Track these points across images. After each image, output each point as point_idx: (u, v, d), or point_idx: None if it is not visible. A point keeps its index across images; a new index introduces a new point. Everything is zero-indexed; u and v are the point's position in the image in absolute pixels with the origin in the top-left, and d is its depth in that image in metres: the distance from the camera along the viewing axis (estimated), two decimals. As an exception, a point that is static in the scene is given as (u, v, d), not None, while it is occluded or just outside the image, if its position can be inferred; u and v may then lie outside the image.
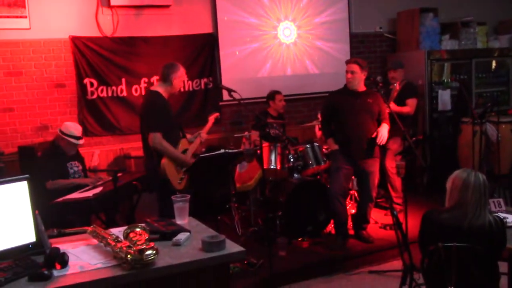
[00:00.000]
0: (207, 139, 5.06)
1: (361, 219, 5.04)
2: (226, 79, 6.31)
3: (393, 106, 5.48)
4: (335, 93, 5.07)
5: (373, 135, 4.71)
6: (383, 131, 4.73)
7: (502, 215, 3.18)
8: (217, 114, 5.06)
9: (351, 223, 5.20)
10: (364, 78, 4.80)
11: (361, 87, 4.82)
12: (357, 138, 4.75)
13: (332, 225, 5.14)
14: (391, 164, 5.64)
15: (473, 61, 7.09)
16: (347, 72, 4.77)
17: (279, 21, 6.70)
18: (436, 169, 6.53)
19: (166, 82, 4.32)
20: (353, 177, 5.17)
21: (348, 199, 5.55)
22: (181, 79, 4.38)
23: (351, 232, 5.11)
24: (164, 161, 4.21)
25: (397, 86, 5.51)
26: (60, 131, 4.74)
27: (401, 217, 3.81)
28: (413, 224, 4.51)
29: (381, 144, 4.73)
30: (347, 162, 4.81)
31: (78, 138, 4.76)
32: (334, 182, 4.86)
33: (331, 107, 4.95)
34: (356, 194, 5.46)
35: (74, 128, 4.77)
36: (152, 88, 4.46)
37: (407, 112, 5.72)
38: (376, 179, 4.91)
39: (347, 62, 4.87)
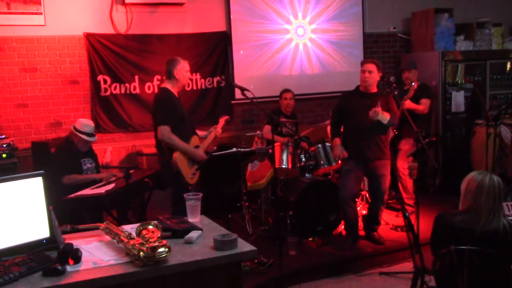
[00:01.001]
0: (219, 137, 5.07)
1: (372, 220, 5.02)
2: (239, 77, 6.32)
3: (408, 103, 5.46)
4: (346, 95, 5.07)
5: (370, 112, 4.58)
6: (381, 113, 4.56)
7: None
8: (227, 117, 5.08)
9: (362, 223, 5.18)
10: (378, 79, 4.77)
11: (374, 88, 4.80)
12: (367, 140, 4.72)
13: (343, 226, 5.13)
14: (403, 165, 5.61)
15: (487, 63, 7.02)
16: (364, 71, 4.73)
17: (293, 20, 6.68)
18: (448, 171, 6.48)
19: (171, 78, 4.41)
20: (364, 177, 5.15)
21: (359, 200, 5.53)
22: (183, 71, 4.42)
23: (362, 233, 5.09)
24: (176, 154, 4.27)
25: (415, 85, 5.47)
26: (74, 127, 4.77)
27: (412, 218, 3.79)
28: (424, 226, 4.50)
29: (371, 114, 4.55)
30: (358, 165, 4.79)
31: (90, 135, 4.79)
32: (345, 185, 4.84)
33: (341, 109, 4.94)
34: (367, 195, 5.43)
35: (87, 125, 4.80)
36: (161, 85, 4.55)
37: (421, 110, 5.68)
38: (387, 181, 4.88)
39: (364, 62, 4.83)
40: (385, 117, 4.63)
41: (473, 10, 7.50)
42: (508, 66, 7.34)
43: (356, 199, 5.17)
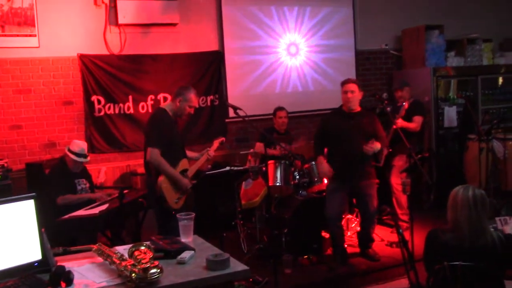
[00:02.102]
0: (213, 156, 5.07)
1: (365, 238, 5.04)
2: (232, 96, 6.36)
3: (401, 121, 5.49)
4: (329, 116, 5.06)
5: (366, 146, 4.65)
6: (374, 145, 4.67)
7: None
8: (222, 138, 5.01)
9: (357, 240, 5.18)
10: (360, 98, 4.81)
11: (357, 107, 4.82)
12: (352, 161, 4.72)
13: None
14: (396, 181, 5.63)
15: (479, 78, 7.09)
16: (346, 92, 4.75)
17: (285, 39, 6.75)
18: (442, 186, 6.48)
19: (173, 102, 4.35)
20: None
21: (354, 216, 5.53)
22: (186, 104, 4.32)
23: (357, 250, 5.09)
24: (162, 178, 4.20)
25: (406, 105, 5.52)
26: (67, 148, 4.78)
27: (407, 234, 3.80)
28: (419, 242, 4.47)
29: (369, 150, 4.64)
30: (343, 184, 4.80)
31: (80, 155, 4.75)
32: (329, 205, 4.85)
33: (325, 131, 4.94)
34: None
35: (78, 146, 4.77)
36: (162, 105, 4.50)
37: (413, 128, 5.72)
38: (374, 201, 4.88)
39: (345, 82, 4.81)
40: (377, 147, 4.69)
41: (463, 27, 7.59)
42: (500, 81, 7.42)
43: (342, 217, 5.16)
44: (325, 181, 5.17)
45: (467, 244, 2.79)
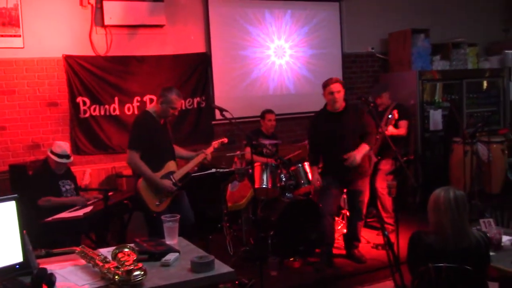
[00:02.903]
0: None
1: (352, 237, 5.04)
2: (219, 98, 6.34)
3: (391, 129, 5.56)
4: (316, 119, 5.04)
5: (345, 156, 4.67)
6: (357, 154, 4.66)
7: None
8: (224, 139, 4.92)
9: (343, 242, 5.19)
10: (343, 95, 4.81)
11: (342, 105, 4.80)
12: (339, 161, 4.71)
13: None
14: (382, 185, 5.66)
15: (464, 82, 7.16)
16: (332, 93, 4.72)
17: (272, 41, 6.76)
18: (428, 188, 6.49)
19: (157, 103, 4.34)
20: (344, 196, 5.18)
21: (340, 219, 5.55)
22: (168, 105, 4.28)
23: (343, 252, 5.10)
24: (140, 181, 4.20)
25: (395, 115, 5.55)
26: (49, 150, 4.72)
27: (392, 237, 3.81)
28: (404, 244, 4.46)
29: (350, 166, 4.68)
30: (337, 183, 4.82)
31: (62, 157, 4.68)
32: (325, 202, 4.86)
33: (314, 134, 4.96)
34: (347, 213, 5.45)
35: (60, 147, 4.70)
36: (148, 107, 4.50)
37: (401, 134, 5.79)
38: (366, 197, 4.93)
39: (330, 83, 4.75)
40: (360, 155, 4.67)
41: (448, 31, 7.68)
42: (484, 85, 7.50)
43: (336, 216, 5.18)
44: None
45: (451, 246, 2.80)
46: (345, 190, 5.07)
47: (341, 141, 4.73)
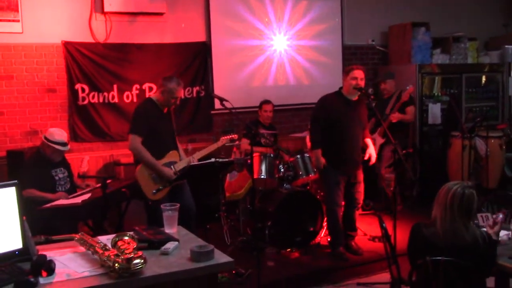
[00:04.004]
0: (197, 147, 5.05)
1: (349, 227, 5.02)
2: (218, 88, 6.32)
3: (397, 115, 5.59)
4: (332, 100, 4.81)
5: (365, 158, 4.76)
6: (372, 152, 4.84)
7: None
8: (234, 136, 4.88)
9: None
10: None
11: (356, 96, 4.74)
12: (350, 151, 4.74)
13: (322, 236, 5.15)
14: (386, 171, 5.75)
15: (463, 76, 7.16)
16: (356, 78, 4.60)
17: (272, 31, 6.73)
18: (425, 182, 6.56)
19: (158, 91, 4.36)
20: None
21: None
22: (169, 95, 4.28)
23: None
24: (138, 168, 4.19)
25: (404, 97, 5.65)
26: (45, 137, 4.56)
27: (389, 229, 3.82)
28: (401, 237, 4.52)
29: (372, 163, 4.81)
30: (341, 175, 4.79)
31: (63, 144, 4.61)
32: (334, 197, 4.80)
33: (326, 115, 4.76)
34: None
35: (59, 134, 4.59)
36: (151, 94, 4.52)
37: (408, 119, 5.84)
38: (362, 188, 4.94)
39: (355, 68, 4.66)
40: (373, 149, 4.85)
41: (449, 25, 7.67)
42: (483, 79, 7.50)
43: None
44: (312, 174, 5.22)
45: (441, 241, 2.80)
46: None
47: (349, 130, 4.71)
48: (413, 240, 2.99)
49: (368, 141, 4.90)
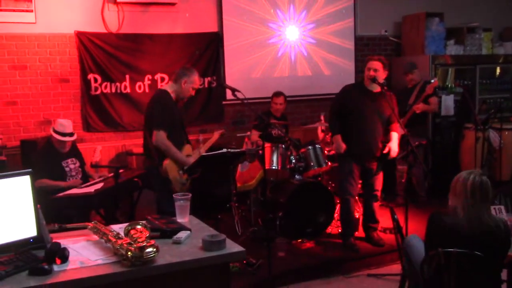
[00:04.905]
0: (208, 138, 5.07)
1: (369, 219, 4.99)
2: (230, 79, 6.32)
3: (421, 106, 5.64)
4: (351, 89, 4.86)
5: (385, 151, 4.69)
6: (394, 145, 4.71)
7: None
8: (222, 131, 5.12)
9: (360, 225, 5.17)
10: (384, 77, 4.68)
11: (378, 88, 4.68)
12: (367, 142, 4.70)
13: (334, 227, 5.16)
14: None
15: (477, 67, 7.08)
16: (369, 69, 4.61)
17: (285, 22, 6.70)
18: (438, 174, 6.52)
19: (176, 84, 4.20)
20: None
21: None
22: (191, 85, 4.21)
23: (362, 234, 5.09)
24: (167, 162, 4.08)
25: (428, 90, 5.74)
26: (52, 128, 4.64)
27: (401, 221, 3.81)
28: (413, 228, 4.52)
29: (392, 157, 4.74)
30: (356, 164, 4.77)
31: (65, 134, 4.62)
32: (346, 184, 4.81)
33: (344, 103, 4.79)
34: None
35: (62, 125, 4.62)
36: (162, 87, 4.38)
37: (432, 110, 5.85)
38: (381, 177, 4.90)
39: (370, 59, 4.67)
40: (396, 145, 4.73)
41: (463, 15, 7.56)
42: (498, 71, 7.41)
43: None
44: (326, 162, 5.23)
45: (465, 230, 2.78)
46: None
47: (366, 123, 4.67)
48: (433, 228, 2.95)
49: (394, 134, 4.75)
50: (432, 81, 5.80)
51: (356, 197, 5.20)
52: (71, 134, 4.67)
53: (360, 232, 5.13)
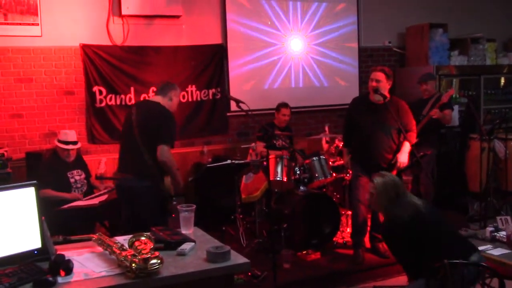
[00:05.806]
0: (214, 149, 5.05)
1: (375, 228, 4.94)
2: (234, 90, 6.33)
3: (437, 112, 5.68)
4: (356, 102, 5.02)
5: (393, 161, 4.66)
6: (402, 156, 4.64)
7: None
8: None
9: (368, 236, 5.11)
10: (388, 88, 4.66)
11: (381, 99, 4.61)
12: (369, 153, 4.69)
13: (339, 238, 5.14)
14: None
15: (481, 78, 7.08)
16: (371, 80, 4.63)
17: (288, 33, 6.73)
18: (442, 184, 6.48)
19: (165, 97, 4.07)
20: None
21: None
22: (177, 99, 4.16)
23: (368, 245, 5.05)
24: (167, 180, 3.98)
25: (444, 98, 5.76)
26: (57, 139, 4.76)
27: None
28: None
29: (401, 168, 4.69)
30: (364, 172, 4.74)
31: (68, 143, 4.70)
32: (354, 189, 4.84)
33: (351, 115, 4.91)
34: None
35: (65, 133, 4.74)
36: (153, 100, 4.16)
37: (446, 121, 5.89)
38: None
39: (373, 70, 4.71)
40: (405, 156, 4.66)
41: (467, 26, 7.58)
42: (502, 81, 7.40)
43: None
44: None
45: (422, 209, 3.16)
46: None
47: (368, 135, 4.66)
48: (404, 231, 3.11)
49: (406, 144, 4.66)
50: (448, 90, 5.83)
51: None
52: (74, 143, 4.74)
53: (367, 243, 5.09)
